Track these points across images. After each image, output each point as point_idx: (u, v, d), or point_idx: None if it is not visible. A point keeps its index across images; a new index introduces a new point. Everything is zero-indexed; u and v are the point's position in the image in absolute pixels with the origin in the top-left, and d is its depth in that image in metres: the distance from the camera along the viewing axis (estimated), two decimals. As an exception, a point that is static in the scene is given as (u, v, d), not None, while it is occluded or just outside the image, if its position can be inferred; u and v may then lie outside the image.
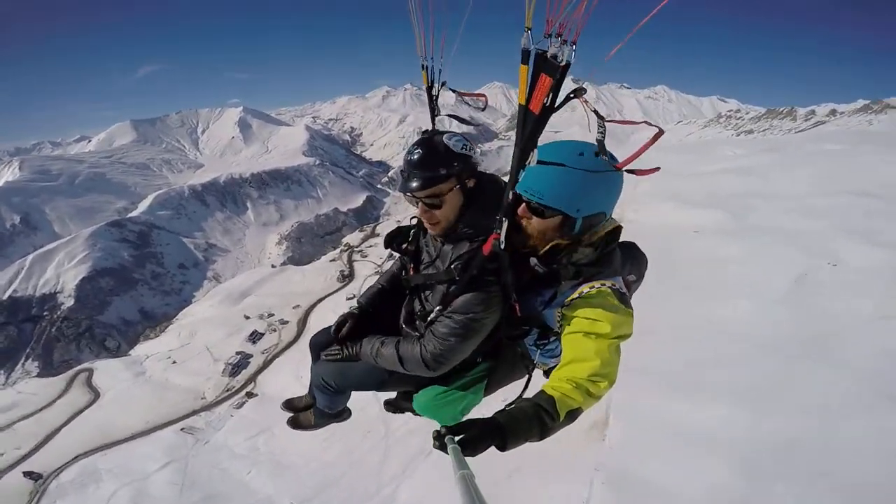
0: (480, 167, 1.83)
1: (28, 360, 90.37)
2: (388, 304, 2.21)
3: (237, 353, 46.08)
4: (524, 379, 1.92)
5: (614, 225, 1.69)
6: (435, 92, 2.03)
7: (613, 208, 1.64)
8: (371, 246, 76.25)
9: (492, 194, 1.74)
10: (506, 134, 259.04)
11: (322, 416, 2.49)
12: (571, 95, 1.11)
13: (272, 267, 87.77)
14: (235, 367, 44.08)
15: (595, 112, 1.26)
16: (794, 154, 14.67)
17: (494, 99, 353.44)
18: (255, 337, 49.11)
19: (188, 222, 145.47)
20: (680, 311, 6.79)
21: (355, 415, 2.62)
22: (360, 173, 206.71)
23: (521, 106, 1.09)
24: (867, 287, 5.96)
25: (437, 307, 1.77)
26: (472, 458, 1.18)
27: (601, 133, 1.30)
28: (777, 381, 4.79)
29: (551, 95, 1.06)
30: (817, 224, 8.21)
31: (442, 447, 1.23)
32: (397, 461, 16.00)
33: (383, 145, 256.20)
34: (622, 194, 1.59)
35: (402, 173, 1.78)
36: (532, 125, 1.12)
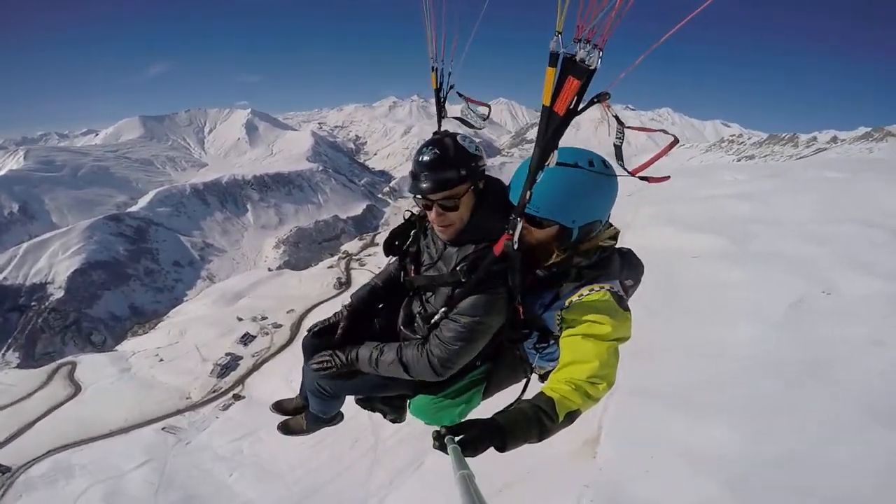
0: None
1: (9, 351, 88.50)
2: (381, 305, 2.19)
3: (227, 355, 45.46)
4: (522, 382, 1.92)
5: (613, 232, 1.73)
6: (443, 94, 2.05)
7: (609, 214, 1.69)
8: (370, 255, 76.16)
9: (498, 196, 1.73)
10: (509, 151, 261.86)
11: (315, 421, 2.44)
12: (595, 99, 1.13)
13: (269, 270, 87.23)
14: (224, 369, 43.41)
15: (616, 118, 1.28)
16: (795, 180, 14.81)
17: (500, 115, 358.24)
18: (246, 339, 48.53)
19: (187, 220, 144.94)
20: (679, 334, 6.85)
21: (344, 423, 2.55)
22: (362, 182, 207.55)
23: (546, 107, 1.11)
24: (862, 314, 6.13)
25: (442, 309, 1.75)
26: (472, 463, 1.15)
27: (619, 139, 1.33)
28: (772, 403, 4.90)
29: (576, 99, 1.08)
30: (817, 251, 8.33)
31: (442, 447, 1.23)
32: (385, 471, 15.67)
33: (387, 155, 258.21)
34: (624, 217, 1.60)
35: (413, 175, 1.71)
36: (555, 127, 1.13)
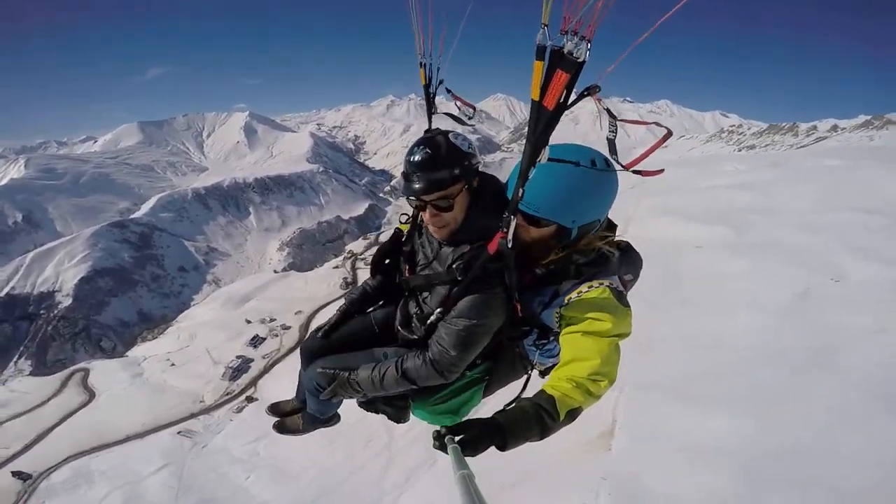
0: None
1: (21, 359, 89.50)
2: (374, 307, 2.23)
3: (238, 357, 45.70)
4: (523, 379, 1.91)
5: (611, 233, 1.73)
6: (432, 90, 2.03)
7: (608, 213, 1.68)
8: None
9: (493, 194, 1.71)
10: (509, 146, 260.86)
11: (312, 421, 2.45)
12: (585, 93, 1.11)
13: (274, 272, 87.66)
14: (236, 371, 43.68)
15: (608, 111, 1.26)
16: (796, 169, 14.63)
17: (497, 111, 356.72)
18: (256, 341, 48.76)
19: (190, 225, 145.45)
20: (684, 325, 6.92)
21: (356, 422, 2.51)
22: (363, 181, 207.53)
23: (535, 102, 1.07)
24: (867, 302, 6.13)
25: (438, 309, 1.73)
26: (473, 465, 1.15)
27: (612, 132, 1.30)
28: (779, 392, 4.95)
29: (566, 92, 1.05)
30: (819, 239, 8.29)
31: (442, 447, 1.22)
32: (399, 470, 15.87)
33: (386, 154, 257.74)
34: (626, 210, 1.67)
35: (405, 175, 1.67)
36: (545, 122, 1.10)
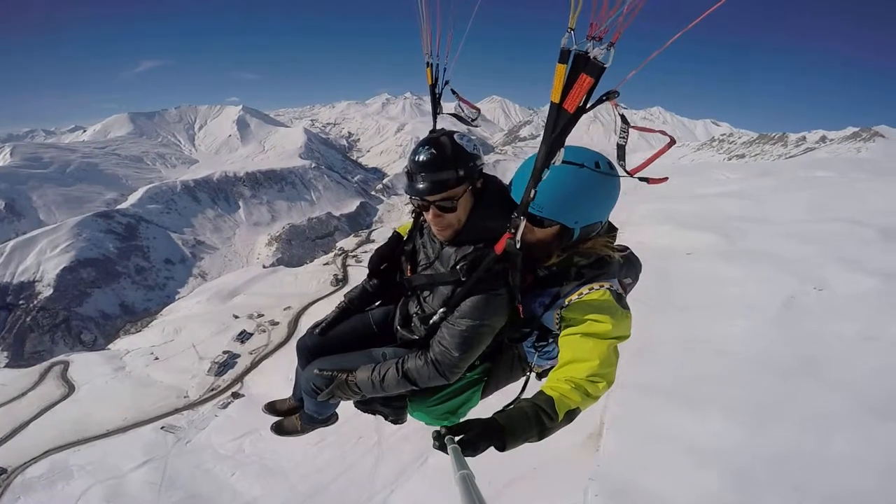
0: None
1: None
2: (374, 304, 2.22)
3: (224, 353, 45.02)
4: (521, 381, 1.91)
5: (612, 236, 1.75)
6: (439, 90, 2.03)
7: (609, 215, 1.71)
8: (366, 251, 75.95)
9: (496, 195, 1.71)
10: (502, 148, 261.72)
11: (310, 421, 2.41)
12: (605, 97, 1.12)
13: (263, 267, 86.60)
14: (222, 367, 43.01)
15: (622, 117, 1.28)
16: (786, 179, 14.92)
17: (493, 113, 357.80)
18: (243, 336, 48.10)
19: (178, 217, 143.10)
20: (676, 330, 6.93)
21: (347, 420, 2.48)
22: (355, 179, 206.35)
23: (554, 104, 1.09)
24: (853, 310, 6.24)
25: (441, 309, 1.73)
26: (470, 464, 1.15)
27: (623, 138, 1.31)
28: (769, 398, 4.96)
29: (586, 96, 1.07)
30: (809, 249, 8.41)
31: (442, 447, 1.22)
32: (390, 468, 15.80)
33: (380, 152, 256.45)
34: (619, 216, 1.68)
35: (409, 175, 1.66)
36: (564, 124, 1.12)
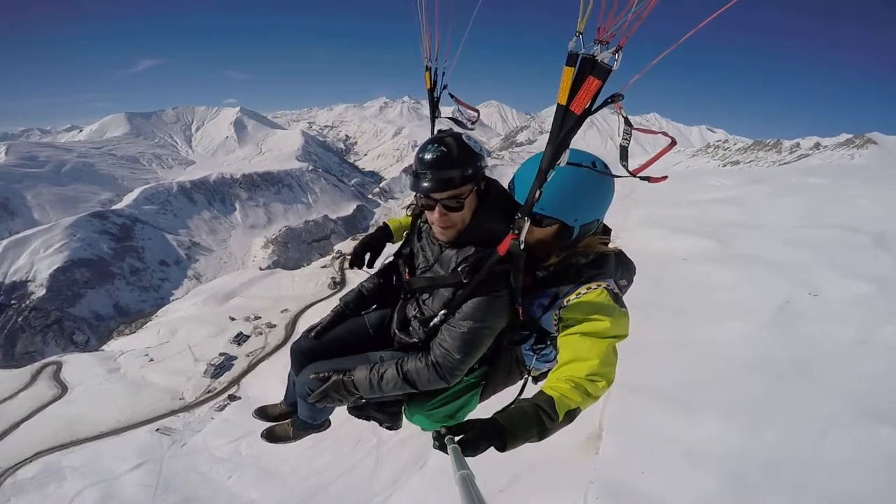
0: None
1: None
2: (370, 308, 2.22)
3: (220, 355, 44.70)
4: (519, 384, 1.91)
5: (607, 237, 1.80)
6: (437, 94, 2.05)
7: (604, 215, 1.74)
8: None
9: (497, 197, 1.73)
10: (499, 153, 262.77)
11: (304, 427, 2.38)
12: (610, 100, 1.14)
13: (260, 269, 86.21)
14: (218, 369, 42.70)
15: (626, 119, 1.30)
16: (780, 186, 14.93)
17: (490, 118, 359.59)
18: (240, 339, 47.79)
19: (173, 219, 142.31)
20: (672, 333, 7.03)
21: (345, 423, 2.36)
22: (352, 182, 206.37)
23: (561, 106, 1.11)
24: (846, 315, 6.39)
25: (442, 312, 1.72)
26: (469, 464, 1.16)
27: (626, 140, 1.33)
28: (765, 400, 5.07)
29: (592, 99, 1.09)
30: (802, 254, 8.54)
31: (442, 447, 1.23)
32: (389, 471, 15.76)
33: (377, 156, 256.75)
34: (615, 220, 1.82)
35: (415, 173, 1.67)
36: (570, 126, 1.14)
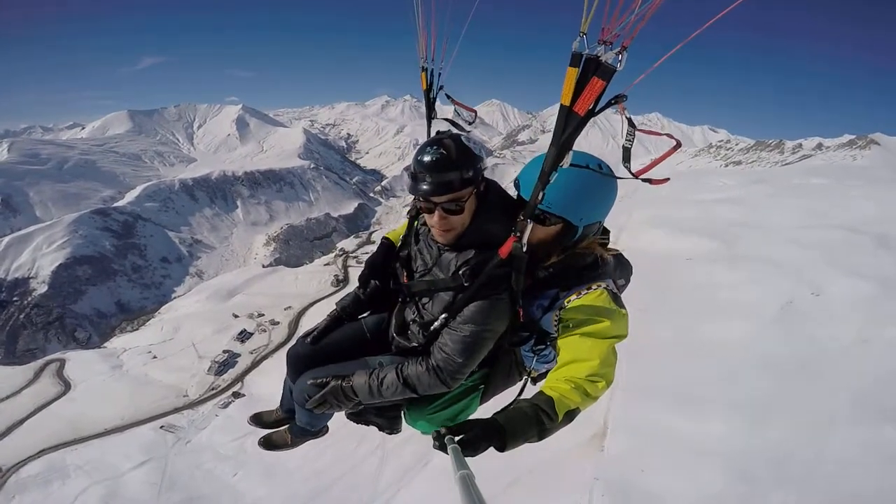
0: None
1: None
2: (366, 313, 2.19)
3: (224, 352, 44.65)
4: (518, 385, 1.90)
5: (606, 238, 1.78)
6: (433, 95, 2.04)
7: (606, 217, 1.74)
8: (366, 252, 75.90)
9: (497, 199, 1.71)
10: (501, 152, 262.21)
11: (301, 434, 2.35)
12: (613, 101, 1.12)
13: (263, 267, 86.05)
14: (222, 366, 42.62)
15: (630, 120, 1.29)
16: (783, 186, 14.98)
17: (492, 116, 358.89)
18: (243, 336, 47.75)
19: (175, 216, 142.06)
20: (676, 332, 7.06)
21: (348, 421, 2.39)
22: (354, 180, 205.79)
23: (564, 107, 1.10)
24: (848, 315, 6.42)
25: (442, 316, 1.70)
26: (472, 463, 1.14)
27: (629, 141, 1.32)
28: (769, 399, 5.09)
29: (596, 100, 1.07)
30: (805, 254, 8.56)
31: (442, 447, 1.22)
32: (393, 469, 15.61)
33: (379, 154, 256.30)
34: (618, 220, 1.75)
35: (413, 176, 1.64)
36: (574, 127, 1.13)
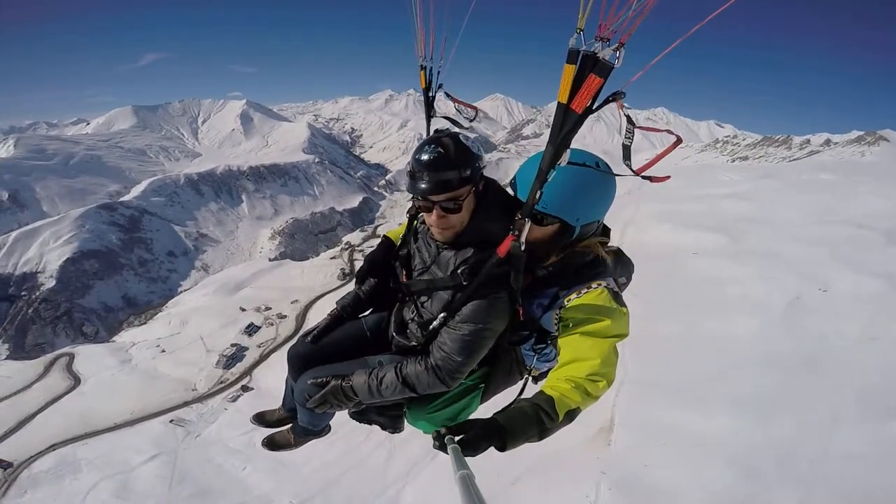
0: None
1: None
2: (366, 312, 2.19)
3: (232, 346, 44.80)
4: (518, 384, 1.88)
5: (606, 237, 1.74)
6: (432, 93, 2.03)
7: (605, 215, 1.70)
8: (372, 246, 75.52)
9: (495, 197, 1.69)
10: (505, 146, 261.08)
11: (305, 434, 2.36)
12: (611, 98, 1.10)
13: (269, 260, 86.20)
14: (230, 360, 42.76)
15: (628, 117, 1.27)
16: (790, 182, 15.17)
17: (495, 111, 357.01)
18: (251, 329, 47.93)
19: (181, 210, 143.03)
20: (682, 328, 7.06)
21: None
22: (358, 174, 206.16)
23: (561, 104, 1.07)
24: (855, 311, 6.39)
25: (441, 315, 1.68)
26: (476, 462, 1.13)
27: (629, 138, 1.31)
28: (775, 394, 5.11)
29: (594, 97, 1.06)
30: (812, 250, 8.61)
31: (442, 447, 1.22)
32: (401, 463, 15.63)
33: (382, 148, 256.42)
34: (625, 214, 1.61)
35: (411, 174, 1.62)
36: (571, 125, 1.11)
